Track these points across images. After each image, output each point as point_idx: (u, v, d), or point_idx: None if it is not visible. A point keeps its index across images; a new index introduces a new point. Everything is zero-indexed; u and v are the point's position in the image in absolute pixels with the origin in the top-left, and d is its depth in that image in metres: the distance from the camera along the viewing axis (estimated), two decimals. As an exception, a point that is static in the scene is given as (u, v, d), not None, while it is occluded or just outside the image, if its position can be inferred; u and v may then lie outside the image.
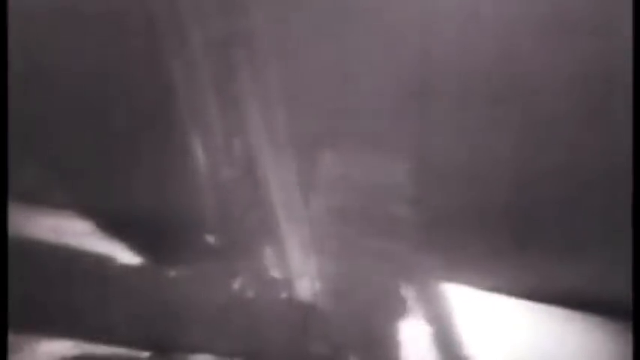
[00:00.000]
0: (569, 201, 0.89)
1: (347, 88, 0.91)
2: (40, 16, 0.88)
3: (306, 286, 0.91)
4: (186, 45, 0.91)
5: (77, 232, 0.95)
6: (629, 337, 0.73)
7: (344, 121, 0.92)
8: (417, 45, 0.86)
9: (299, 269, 0.96)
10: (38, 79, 0.90)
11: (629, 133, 0.77)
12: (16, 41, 0.81)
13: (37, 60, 0.89)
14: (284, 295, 0.90)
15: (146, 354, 0.88)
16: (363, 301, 0.90)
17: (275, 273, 0.97)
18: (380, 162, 0.91)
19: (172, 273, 0.91)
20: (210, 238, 0.98)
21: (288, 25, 0.90)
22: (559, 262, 0.89)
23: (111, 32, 0.90)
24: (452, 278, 0.93)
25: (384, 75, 0.89)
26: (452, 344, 0.89)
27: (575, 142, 0.88)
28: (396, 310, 0.90)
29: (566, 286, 0.90)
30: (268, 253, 0.97)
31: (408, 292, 0.90)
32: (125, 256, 0.94)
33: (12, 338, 0.78)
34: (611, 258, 0.85)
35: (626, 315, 0.74)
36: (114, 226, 0.96)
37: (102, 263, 0.91)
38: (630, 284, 0.73)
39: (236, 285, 0.89)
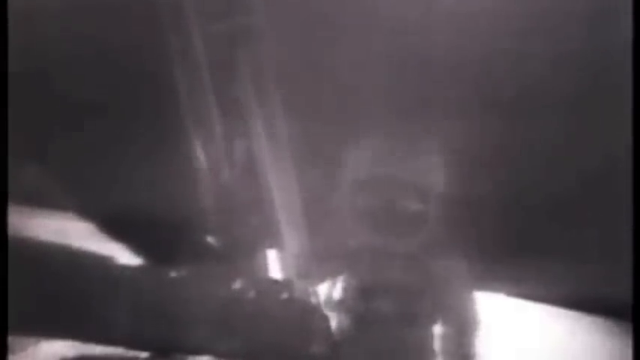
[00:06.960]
0: (568, 201, 0.89)
1: (347, 88, 0.91)
2: (40, 16, 0.88)
3: (306, 286, 0.91)
4: (187, 46, 0.92)
5: (78, 234, 0.95)
6: (629, 337, 0.73)
7: (344, 121, 0.92)
8: (417, 45, 0.86)
9: (299, 270, 0.96)
10: (38, 80, 0.90)
11: (630, 133, 0.77)
12: (16, 41, 0.81)
13: (37, 60, 0.89)
14: (284, 295, 0.90)
15: (146, 354, 0.88)
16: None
17: (275, 274, 0.97)
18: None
19: (173, 273, 0.91)
20: (211, 239, 0.98)
21: (289, 26, 0.90)
22: (558, 262, 0.89)
23: (112, 33, 0.90)
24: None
25: (384, 75, 0.90)
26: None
27: (575, 142, 0.88)
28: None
29: (566, 287, 0.90)
30: (268, 254, 0.98)
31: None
32: (126, 257, 0.94)
33: (12, 338, 0.78)
34: (611, 259, 0.85)
35: (626, 316, 0.74)
36: (115, 227, 0.96)
37: (103, 264, 0.91)
38: (630, 285, 0.73)
39: (236, 285, 0.89)
